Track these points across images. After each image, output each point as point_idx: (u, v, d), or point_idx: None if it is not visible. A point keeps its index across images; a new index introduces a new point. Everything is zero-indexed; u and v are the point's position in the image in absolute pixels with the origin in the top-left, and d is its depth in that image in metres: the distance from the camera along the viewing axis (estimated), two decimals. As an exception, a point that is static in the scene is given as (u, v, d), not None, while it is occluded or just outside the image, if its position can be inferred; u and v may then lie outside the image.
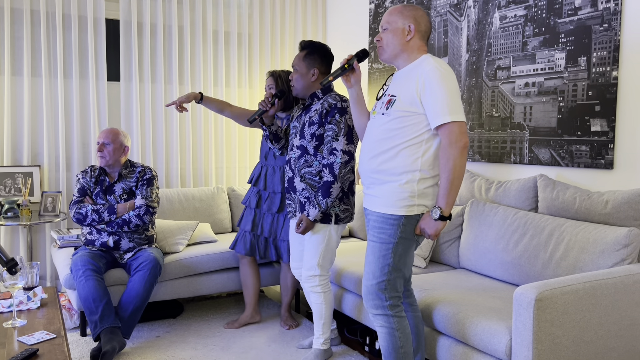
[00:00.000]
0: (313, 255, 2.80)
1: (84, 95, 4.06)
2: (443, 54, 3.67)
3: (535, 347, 2.05)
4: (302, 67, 2.80)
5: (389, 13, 2.29)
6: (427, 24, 2.28)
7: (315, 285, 2.84)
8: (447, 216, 2.17)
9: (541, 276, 2.64)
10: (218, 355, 3.01)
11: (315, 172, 2.76)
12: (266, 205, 3.32)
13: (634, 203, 2.51)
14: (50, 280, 3.98)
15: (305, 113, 2.83)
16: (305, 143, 2.77)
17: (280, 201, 3.30)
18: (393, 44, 2.27)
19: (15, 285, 2.25)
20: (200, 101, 3.30)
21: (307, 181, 2.77)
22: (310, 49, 2.82)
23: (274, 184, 3.31)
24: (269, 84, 3.29)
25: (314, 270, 2.81)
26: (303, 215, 2.72)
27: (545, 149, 3.03)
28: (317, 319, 2.91)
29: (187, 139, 4.37)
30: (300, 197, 2.80)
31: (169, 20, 4.28)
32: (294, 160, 2.81)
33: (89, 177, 3.26)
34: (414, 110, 2.17)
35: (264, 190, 3.34)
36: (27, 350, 1.94)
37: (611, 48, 2.71)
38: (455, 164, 2.12)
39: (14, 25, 3.86)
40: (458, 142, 2.12)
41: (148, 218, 3.22)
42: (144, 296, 3.06)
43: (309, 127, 2.76)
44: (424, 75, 2.15)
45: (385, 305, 2.27)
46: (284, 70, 3.31)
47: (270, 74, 3.30)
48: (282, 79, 3.27)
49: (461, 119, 2.13)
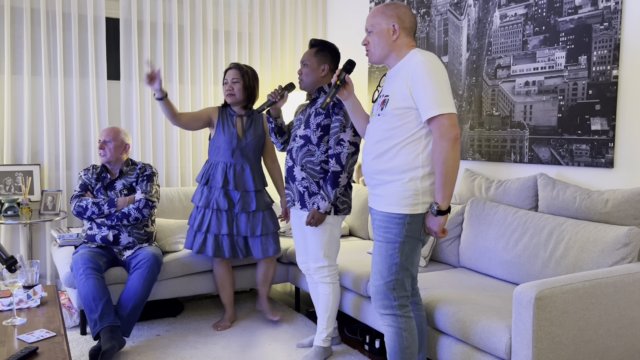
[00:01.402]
0: (318, 247, 2.84)
1: (84, 94, 4.06)
2: (443, 53, 3.66)
3: (535, 345, 2.05)
4: (314, 62, 2.87)
5: (372, 15, 2.28)
6: (411, 19, 2.27)
7: (325, 276, 2.88)
8: (445, 210, 2.17)
9: (541, 275, 2.64)
10: (218, 354, 3.01)
11: (317, 162, 2.80)
12: (239, 205, 3.27)
13: (634, 202, 2.51)
14: (50, 278, 3.98)
15: (311, 105, 2.90)
16: (310, 133, 2.81)
17: (256, 199, 3.30)
18: (380, 46, 2.26)
19: (15, 284, 2.25)
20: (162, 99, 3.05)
21: (307, 170, 2.81)
22: (322, 46, 2.90)
23: (244, 181, 3.29)
24: (233, 77, 3.26)
25: (322, 261, 2.85)
26: (314, 209, 2.76)
27: (545, 148, 3.03)
28: (322, 312, 2.92)
29: (187, 138, 4.37)
30: (299, 187, 2.83)
31: (169, 19, 4.28)
32: (296, 150, 2.85)
33: (91, 174, 3.30)
34: (407, 106, 2.17)
35: (234, 190, 3.27)
36: (27, 348, 1.94)
37: (611, 47, 2.71)
38: (447, 157, 2.12)
39: (14, 24, 3.86)
40: (448, 134, 2.11)
41: (147, 212, 3.23)
42: (143, 294, 3.07)
43: (315, 117, 2.81)
44: (412, 70, 2.15)
45: (394, 305, 2.27)
46: (249, 66, 3.34)
47: (235, 67, 3.28)
48: (248, 75, 3.30)
49: (451, 111, 2.12)
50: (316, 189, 2.80)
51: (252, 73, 3.32)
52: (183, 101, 4.36)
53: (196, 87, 4.40)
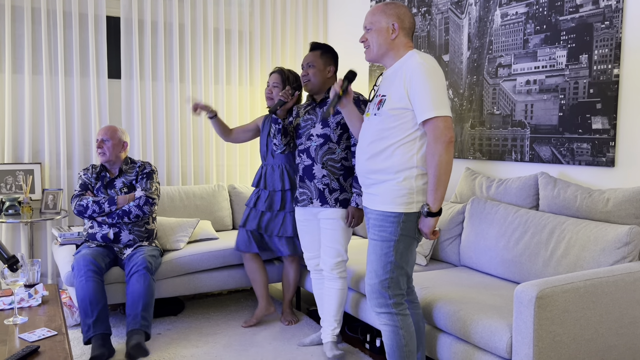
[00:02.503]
0: (339, 242, 2.89)
1: (84, 92, 4.06)
2: (444, 52, 3.66)
3: (536, 344, 2.05)
4: (320, 64, 2.95)
5: (372, 13, 2.29)
6: (410, 20, 2.28)
7: (342, 271, 2.93)
8: (435, 212, 2.17)
9: (542, 274, 2.64)
10: (219, 353, 3.01)
11: (337, 160, 2.87)
12: (266, 204, 3.33)
13: (635, 201, 2.51)
14: (52, 277, 3.99)
15: (322, 106, 2.95)
16: (329, 131, 2.87)
17: (281, 199, 3.31)
18: (378, 44, 2.27)
19: (17, 283, 2.25)
20: (213, 117, 3.39)
21: (328, 168, 2.88)
22: (325, 49, 2.99)
23: (273, 182, 3.34)
24: (274, 81, 3.30)
25: (342, 255, 2.91)
26: (353, 208, 2.84)
27: (546, 147, 3.03)
28: (335, 307, 2.94)
29: (188, 137, 4.37)
30: (318, 185, 2.89)
31: (169, 18, 4.28)
32: (315, 148, 2.89)
33: (90, 173, 3.31)
34: (404, 107, 2.18)
35: (264, 189, 3.37)
36: (29, 347, 1.94)
37: (612, 45, 2.70)
38: (440, 160, 2.12)
39: (15, 23, 3.86)
40: (443, 137, 2.11)
41: (148, 209, 3.23)
42: (148, 292, 3.02)
43: (334, 116, 2.87)
44: (409, 71, 2.16)
45: (389, 304, 2.27)
46: (292, 71, 3.34)
47: (278, 72, 3.32)
48: (289, 80, 3.29)
49: (446, 114, 2.12)
50: (337, 185, 2.87)
51: (294, 78, 3.34)
52: (184, 100, 4.36)
53: (197, 86, 4.40)
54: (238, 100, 4.57)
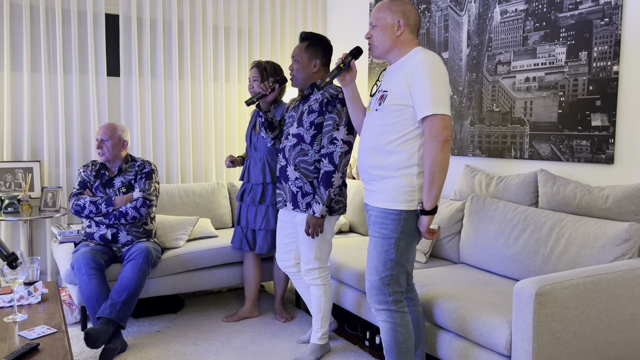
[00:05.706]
0: (309, 249, 2.79)
1: (83, 90, 4.06)
2: (444, 49, 3.66)
3: (536, 341, 2.05)
4: (304, 58, 2.80)
5: (377, 9, 2.28)
6: (416, 17, 2.28)
7: (315, 278, 2.84)
8: (430, 210, 2.16)
9: (541, 271, 2.64)
10: (219, 350, 3.01)
11: (311, 162, 2.74)
12: (250, 198, 3.33)
13: (634, 198, 2.51)
14: (51, 275, 3.99)
15: (304, 102, 2.83)
16: (303, 131, 2.75)
17: (262, 192, 3.31)
18: (384, 41, 2.27)
19: (16, 280, 2.25)
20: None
21: (301, 170, 2.75)
22: (312, 40, 2.81)
23: (255, 175, 3.33)
24: (253, 75, 3.30)
25: (312, 263, 2.81)
26: (309, 215, 2.67)
27: (545, 144, 3.03)
28: (315, 313, 2.91)
29: (187, 134, 4.37)
30: (292, 187, 2.78)
31: (168, 15, 4.27)
32: (289, 149, 2.79)
33: (90, 170, 3.30)
34: (405, 103, 2.17)
35: (247, 182, 3.38)
36: (28, 344, 1.94)
37: (612, 42, 2.70)
38: (435, 158, 2.12)
39: (14, 21, 3.85)
40: (439, 135, 2.11)
41: (145, 210, 3.22)
42: (136, 283, 2.98)
43: (308, 115, 2.75)
44: (413, 68, 2.15)
45: (389, 301, 2.27)
46: (269, 61, 3.32)
47: (255, 65, 3.30)
48: (267, 71, 3.28)
49: (444, 112, 2.12)
50: (310, 189, 2.74)
51: (272, 68, 3.30)
52: (183, 97, 4.35)
53: (196, 83, 4.40)
54: (237, 97, 4.56)
